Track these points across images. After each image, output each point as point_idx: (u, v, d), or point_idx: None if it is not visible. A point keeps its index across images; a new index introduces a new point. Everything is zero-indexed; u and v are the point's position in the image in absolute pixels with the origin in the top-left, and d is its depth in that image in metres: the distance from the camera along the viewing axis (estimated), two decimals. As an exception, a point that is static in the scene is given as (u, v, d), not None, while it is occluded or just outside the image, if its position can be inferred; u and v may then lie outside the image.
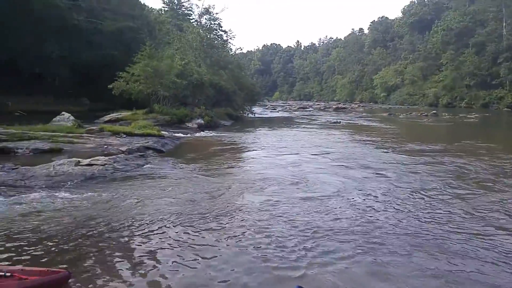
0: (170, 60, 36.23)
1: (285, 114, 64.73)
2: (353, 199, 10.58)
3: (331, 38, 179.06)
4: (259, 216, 8.93)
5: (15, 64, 38.91)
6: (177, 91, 35.69)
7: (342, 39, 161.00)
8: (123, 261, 6.46)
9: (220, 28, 52.16)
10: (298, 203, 10.11)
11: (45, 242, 7.03)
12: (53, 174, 11.98)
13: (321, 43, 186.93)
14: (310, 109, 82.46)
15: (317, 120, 48.06)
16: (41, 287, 5.21)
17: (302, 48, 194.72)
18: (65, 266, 6.01)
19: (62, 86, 43.50)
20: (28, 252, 6.59)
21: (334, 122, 42.47)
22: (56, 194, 10.18)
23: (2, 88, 38.73)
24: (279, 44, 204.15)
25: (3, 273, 5.12)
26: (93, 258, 6.52)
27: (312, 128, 36.08)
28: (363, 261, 6.63)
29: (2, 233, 7.30)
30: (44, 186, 11.02)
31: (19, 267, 5.49)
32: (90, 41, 43.38)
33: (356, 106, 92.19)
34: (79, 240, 7.23)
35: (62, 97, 42.21)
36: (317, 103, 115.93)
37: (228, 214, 9.07)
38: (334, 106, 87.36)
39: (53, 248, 6.79)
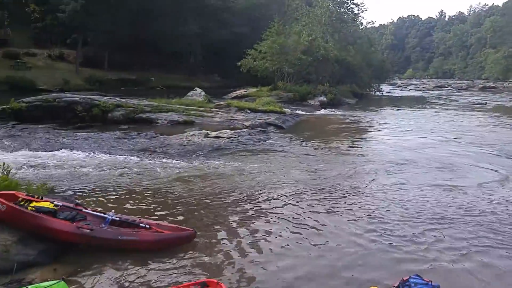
0: (297, 36, 36.35)
1: (418, 93, 59.16)
2: (496, 193, 9.15)
3: (485, 5, 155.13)
4: (383, 201, 8.49)
5: (157, 44, 44.61)
6: (301, 67, 35.85)
7: (500, 5, 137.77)
8: (242, 228, 6.91)
9: (352, 1, 49.70)
10: (428, 190, 9.25)
11: (176, 202, 8.00)
12: (186, 143, 13.50)
13: (472, 12, 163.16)
14: (449, 88, 73.51)
15: (456, 100, 42.58)
16: (172, 241, 5.99)
17: (446, 19, 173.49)
18: (191, 226, 6.75)
19: (196, 63, 48.15)
20: (162, 209, 7.61)
21: (479, 104, 37.01)
22: (188, 161, 11.46)
23: (148, 65, 45.00)
24: (417, 16, 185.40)
25: (143, 225, 6.07)
26: (216, 222, 7.15)
27: (449, 109, 32.13)
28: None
29: (143, 191, 8.59)
30: (178, 153, 12.52)
31: (156, 221, 6.40)
32: (222, 20, 46.61)
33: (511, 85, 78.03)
34: (205, 204, 8.02)
35: (195, 73, 46.91)
36: (458, 81, 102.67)
37: (349, 195, 8.83)
38: (480, 85, 76.06)
39: (182, 209, 7.70)
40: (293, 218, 7.42)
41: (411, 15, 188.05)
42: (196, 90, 25.62)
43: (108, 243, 5.54)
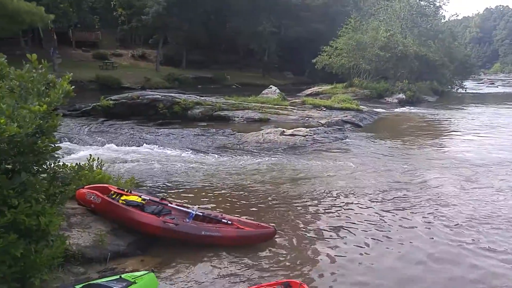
0: (374, 32, 34.90)
1: (507, 90, 53.09)
2: None
3: None
4: (468, 205, 7.80)
5: (232, 42, 45.81)
6: (379, 64, 34.37)
7: None
8: (321, 228, 6.71)
9: (433, -7, 46.02)
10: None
11: (255, 199, 8.02)
12: (262, 141, 13.56)
13: None
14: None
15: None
16: (253, 238, 5.98)
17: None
18: (271, 223, 6.67)
19: (270, 61, 48.52)
20: (242, 205, 7.67)
21: None
22: (264, 158, 11.49)
23: (224, 64, 46.37)
24: (506, 6, 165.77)
25: (225, 221, 6.13)
26: (295, 220, 7.01)
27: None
28: None
29: (222, 186, 8.74)
30: (254, 150, 12.62)
31: (237, 218, 6.42)
32: (298, 16, 46.33)
33: None
34: (283, 200, 7.95)
35: (269, 71, 47.26)
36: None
37: (428, 198, 8.26)
38: None
39: (262, 206, 7.69)
40: (374, 221, 7.05)
41: (500, 5, 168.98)
42: (271, 87, 25.73)
43: (191, 238, 5.68)
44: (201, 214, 6.20)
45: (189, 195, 8.17)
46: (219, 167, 10.36)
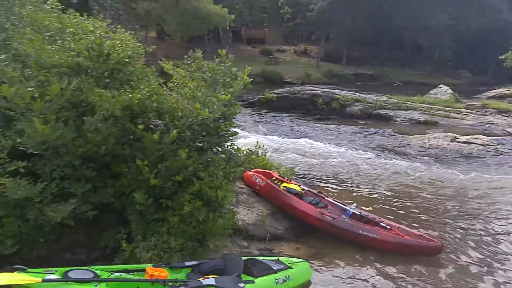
0: None
1: None
2: None
3: None
4: None
5: (399, 37, 42.97)
6: None
7: None
8: (493, 253, 5.83)
9: None
10: None
11: (418, 208, 7.46)
12: (427, 146, 12.45)
13: None
14: None
15: None
16: (415, 249, 5.60)
17: None
18: (435, 238, 6.11)
19: (441, 58, 43.79)
20: (401, 212, 7.24)
21: None
22: (430, 166, 10.55)
23: (386, 60, 44.07)
24: None
25: (384, 225, 5.93)
26: (465, 240, 6.25)
27: None
28: None
29: (380, 189, 8.41)
30: (418, 155, 11.71)
31: (397, 224, 6.12)
32: (482, 5, 40.35)
33: None
34: (453, 217, 7.16)
35: (439, 69, 42.68)
36: None
37: None
38: None
39: (425, 217, 7.11)
40: None
41: None
42: (440, 87, 23.29)
43: (347, 235, 5.69)
44: (358, 213, 6.15)
45: (343, 192, 8.16)
46: (377, 169, 10.00)
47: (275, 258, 4.80)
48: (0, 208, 4.09)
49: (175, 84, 5.04)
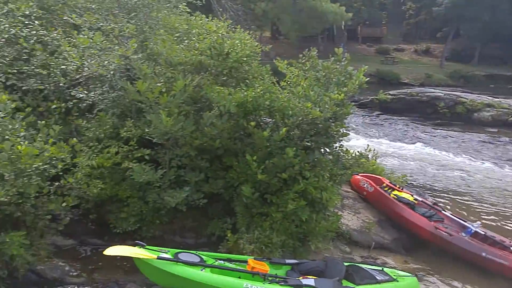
0: None
1: None
2: None
3: None
4: None
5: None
6: None
7: None
8: None
9: None
10: None
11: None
12: None
13: None
14: None
15: None
16: None
17: None
18: None
19: None
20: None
21: None
22: None
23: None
24: None
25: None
26: None
27: None
28: None
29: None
30: None
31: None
32: None
33: None
34: None
35: None
36: None
37: None
38: None
39: None
40: None
41: None
42: None
43: (466, 256, 5.09)
44: (482, 233, 5.43)
45: (463, 207, 7.31)
46: (510, 185, 8.70)
47: (380, 268, 4.53)
48: (127, 189, 4.69)
49: (288, 83, 5.11)
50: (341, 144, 5.14)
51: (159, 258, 3.57)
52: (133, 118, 4.79)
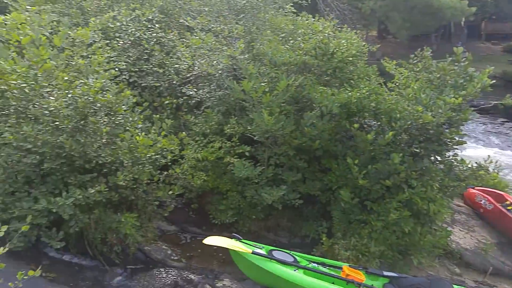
0: None
1: None
2: None
3: None
4: None
5: None
6: None
7: None
8: None
9: None
10: None
11: None
12: None
13: None
14: None
15: None
16: None
17: None
18: None
19: None
20: None
21: None
22: None
23: None
24: None
25: None
26: None
27: None
28: None
29: None
30: None
31: None
32: None
33: None
34: None
35: None
36: None
37: None
38: None
39: None
40: None
41: None
42: None
43: None
44: None
45: None
46: None
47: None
48: (227, 182, 4.90)
49: (397, 84, 4.79)
50: (455, 153, 4.63)
51: (253, 253, 3.64)
52: (237, 115, 4.99)
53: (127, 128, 4.48)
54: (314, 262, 3.91)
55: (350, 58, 4.65)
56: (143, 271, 4.40)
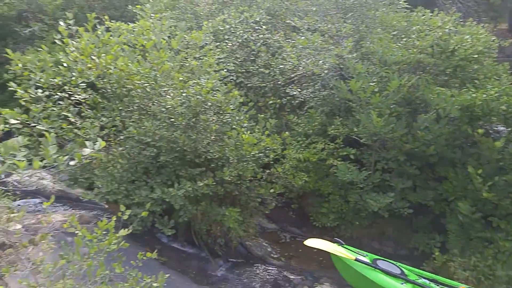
0: None
1: None
2: None
3: None
4: None
5: None
6: None
7: None
8: None
9: None
10: None
11: None
12: None
13: None
14: None
15: None
16: None
17: None
18: None
19: None
20: None
21: None
22: None
23: None
24: None
25: None
26: None
27: None
28: None
29: None
30: None
31: None
32: None
33: None
34: None
35: None
36: None
37: None
38: None
39: None
40: None
41: None
42: None
43: None
44: None
45: None
46: None
47: None
48: (329, 185, 4.75)
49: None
50: None
51: (357, 260, 3.46)
52: (342, 116, 4.81)
53: (234, 126, 4.63)
54: (424, 278, 3.56)
55: (475, 56, 4.13)
56: (244, 265, 4.50)
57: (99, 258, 2.43)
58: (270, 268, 4.40)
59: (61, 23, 4.11)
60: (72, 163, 2.00)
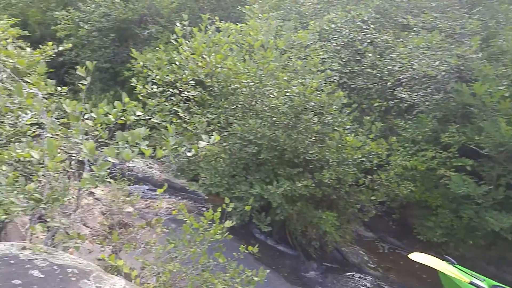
0: None
1: None
2: None
3: None
4: None
5: None
6: None
7: None
8: None
9: None
10: None
11: None
12: None
13: None
14: None
15: None
16: None
17: None
18: None
19: None
20: None
21: None
22: None
23: None
24: None
25: None
26: None
27: None
28: None
29: None
30: None
31: None
32: None
33: None
34: None
35: None
36: None
37: None
38: None
39: None
40: None
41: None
42: None
43: None
44: None
45: None
46: None
47: None
48: (438, 197, 4.30)
49: None
50: None
51: (471, 283, 3.06)
52: (458, 123, 4.32)
53: (335, 128, 4.47)
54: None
55: None
56: (338, 271, 4.32)
57: (202, 246, 2.51)
58: (366, 277, 4.16)
59: (178, 24, 4.38)
60: (189, 154, 2.08)
